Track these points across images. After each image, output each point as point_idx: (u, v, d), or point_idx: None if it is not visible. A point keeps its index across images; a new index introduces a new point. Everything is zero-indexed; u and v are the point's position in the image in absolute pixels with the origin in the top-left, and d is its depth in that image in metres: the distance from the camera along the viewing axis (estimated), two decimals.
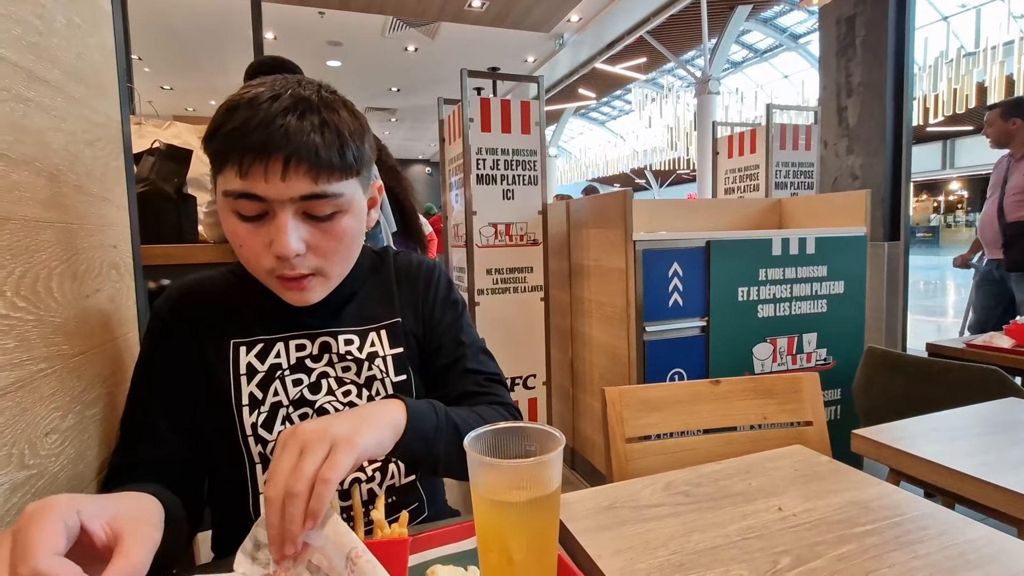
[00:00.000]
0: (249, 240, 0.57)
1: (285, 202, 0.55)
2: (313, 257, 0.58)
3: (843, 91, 3.26)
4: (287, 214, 0.55)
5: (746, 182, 3.21)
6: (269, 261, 0.57)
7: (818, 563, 0.52)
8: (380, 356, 0.68)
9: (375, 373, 0.67)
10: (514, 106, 2.20)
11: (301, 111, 0.55)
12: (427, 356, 0.73)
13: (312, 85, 0.59)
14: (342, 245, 0.60)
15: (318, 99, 0.57)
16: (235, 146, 0.53)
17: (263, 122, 0.53)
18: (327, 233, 0.58)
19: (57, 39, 0.59)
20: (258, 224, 0.56)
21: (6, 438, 0.45)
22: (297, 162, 0.54)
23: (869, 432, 0.88)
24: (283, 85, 0.57)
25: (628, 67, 9.99)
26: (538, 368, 2.30)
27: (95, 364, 0.64)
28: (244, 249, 0.58)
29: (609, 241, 1.96)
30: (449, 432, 0.60)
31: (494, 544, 0.43)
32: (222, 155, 0.55)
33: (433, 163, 17.76)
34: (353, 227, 0.61)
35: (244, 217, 0.56)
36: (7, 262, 0.46)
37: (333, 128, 0.56)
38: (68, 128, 0.60)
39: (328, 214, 0.58)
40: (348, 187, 0.58)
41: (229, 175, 0.54)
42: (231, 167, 0.54)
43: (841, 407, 2.10)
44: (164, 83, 8.74)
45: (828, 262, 2.02)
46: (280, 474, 0.42)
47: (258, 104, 0.54)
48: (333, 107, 0.58)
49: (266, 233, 0.56)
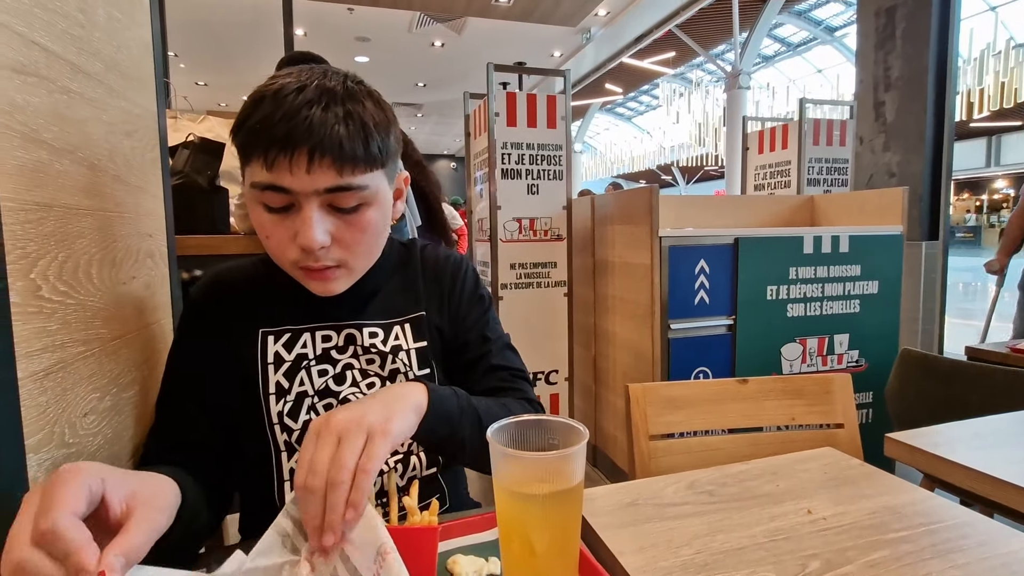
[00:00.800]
0: (275, 231, 0.57)
1: (310, 194, 0.55)
2: (338, 249, 0.59)
3: (881, 85, 3.15)
4: (312, 206, 0.55)
5: (777, 178, 3.14)
6: (294, 252, 0.57)
7: (848, 568, 0.51)
8: (404, 349, 0.68)
9: (399, 366, 0.68)
10: (540, 100, 2.19)
11: (326, 103, 0.54)
12: (452, 351, 0.73)
13: (338, 76, 0.58)
14: (367, 237, 0.60)
15: (343, 90, 0.56)
16: (261, 139, 0.54)
17: (288, 114, 0.53)
18: (352, 225, 0.58)
19: (98, 32, 0.60)
20: (284, 216, 0.57)
21: (48, 417, 0.47)
22: (321, 154, 0.54)
23: (904, 436, 0.85)
24: (309, 76, 0.56)
25: (656, 61, 9.84)
26: (560, 364, 2.30)
27: (131, 348, 0.66)
28: (270, 240, 0.58)
29: (634, 237, 1.94)
30: (471, 416, 0.60)
31: (516, 536, 0.43)
32: (249, 147, 0.55)
33: (458, 158, 17.83)
34: (378, 219, 0.61)
35: (270, 209, 0.56)
36: (51, 248, 0.48)
37: (358, 119, 0.56)
38: (108, 119, 0.62)
39: (353, 206, 0.58)
40: (373, 179, 0.58)
41: (256, 167, 0.55)
42: (257, 159, 0.54)
43: (873, 410, 2.04)
44: (199, 79, 8.97)
45: (862, 261, 1.96)
46: (320, 464, 0.42)
47: (283, 96, 0.54)
48: (358, 98, 0.57)
49: (291, 225, 0.56)
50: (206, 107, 9.61)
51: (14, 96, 0.44)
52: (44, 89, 0.48)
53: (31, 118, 0.46)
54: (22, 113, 0.45)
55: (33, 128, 0.46)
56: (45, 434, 0.46)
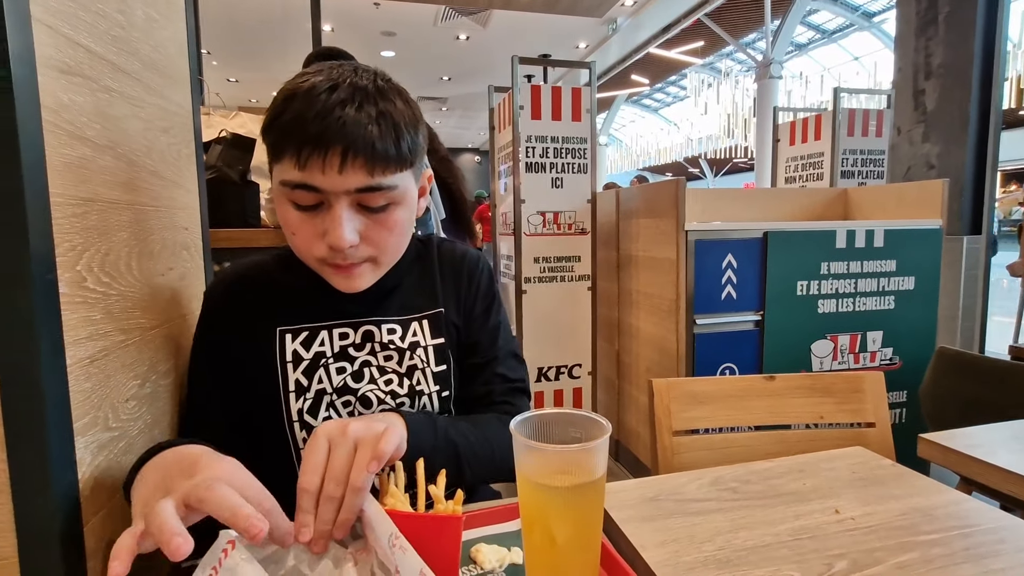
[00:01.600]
0: (303, 229, 0.58)
1: (341, 194, 0.55)
2: (366, 247, 0.59)
3: (921, 73, 3.02)
4: (342, 206, 0.55)
5: (809, 171, 3.05)
6: (322, 250, 0.58)
7: (877, 569, 0.50)
8: (421, 346, 0.68)
9: (416, 363, 0.68)
10: (565, 93, 2.17)
11: (359, 102, 0.54)
12: (463, 350, 0.73)
13: (368, 74, 0.58)
14: (394, 236, 0.61)
15: (375, 88, 0.56)
16: (293, 137, 0.53)
17: (320, 113, 0.53)
18: (380, 224, 0.59)
19: (136, 32, 0.62)
20: (313, 214, 0.57)
21: (94, 402, 0.49)
22: (355, 155, 0.54)
23: (939, 437, 0.83)
24: (340, 74, 0.56)
25: (684, 51, 9.64)
26: (583, 358, 2.29)
27: (168, 337, 0.68)
28: (297, 238, 0.59)
29: (660, 231, 1.91)
30: (446, 450, 0.61)
31: (538, 527, 0.44)
32: (280, 145, 0.55)
33: (483, 151, 17.84)
34: (405, 218, 0.61)
35: (299, 207, 0.57)
36: (94, 241, 0.50)
37: (389, 119, 0.56)
38: (145, 116, 0.64)
39: (382, 205, 0.58)
40: (402, 179, 0.59)
41: (287, 165, 0.55)
42: (289, 158, 0.54)
43: (907, 410, 1.98)
44: (230, 76, 9.18)
45: (898, 256, 1.90)
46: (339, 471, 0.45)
47: (316, 94, 0.54)
48: (389, 96, 0.57)
49: (320, 223, 0.57)
50: (237, 103, 9.83)
51: (61, 96, 0.46)
52: (87, 88, 0.50)
53: (76, 116, 0.48)
54: (68, 112, 0.47)
55: (77, 126, 0.48)
56: (91, 418, 0.48)
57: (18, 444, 0.39)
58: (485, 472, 0.65)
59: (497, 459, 0.65)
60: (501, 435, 0.66)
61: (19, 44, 0.38)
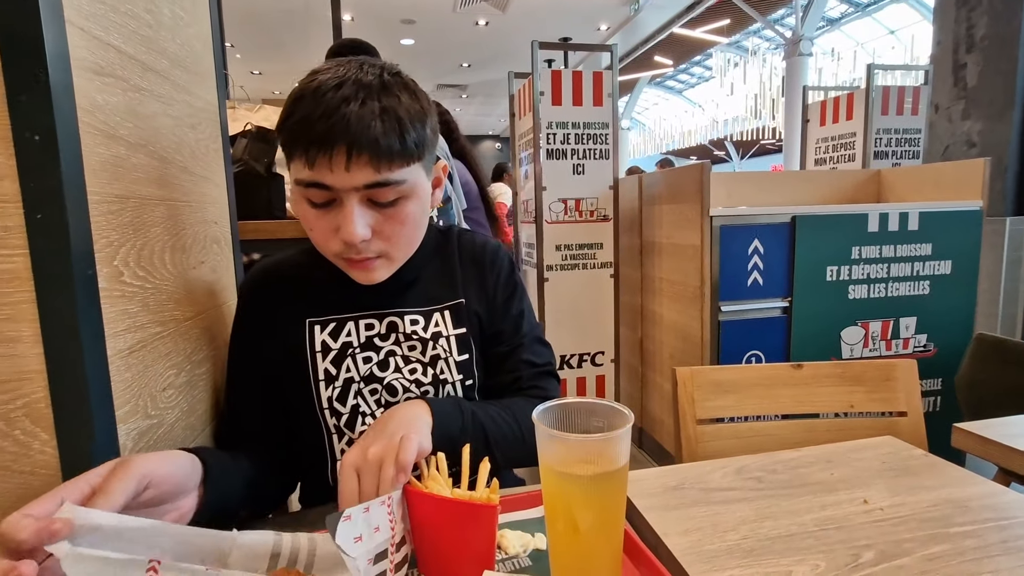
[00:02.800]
0: (318, 225, 0.60)
1: (350, 190, 0.57)
2: (378, 241, 0.61)
3: (962, 45, 2.88)
4: (352, 202, 0.57)
5: (840, 152, 2.95)
6: (337, 245, 0.59)
7: (905, 561, 0.49)
8: (444, 336, 0.70)
9: (439, 352, 0.69)
10: (586, 77, 2.14)
11: (362, 99, 0.55)
12: (486, 339, 0.74)
13: (375, 68, 0.59)
14: (406, 229, 0.62)
15: (379, 84, 0.57)
16: (301, 138, 0.55)
17: (325, 113, 0.54)
18: (391, 218, 0.60)
19: (164, 31, 0.64)
20: (326, 210, 0.59)
21: (133, 391, 0.51)
22: (359, 152, 0.55)
23: (974, 427, 0.80)
24: (346, 71, 0.57)
25: (709, 30, 9.36)
26: (606, 345, 2.28)
27: (201, 328, 0.71)
28: (314, 233, 0.61)
29: (684, 217, 1.88)
30: (476, 432, 0.62)
31: (561, 514, 0.44)
32: (291, 145, 0.57)
33: (503, 139, 17.74)
34: (416, 211, 0.62)
35: (314, 204, 0.59)
36: (129, 236, 0.52)
37: (393, 114, 0.56)
38: (174, 113, 0.66)
39: (392, 200, 0.59)
40: (411, 173, 0.59)
41: (298, 165, 0.57)
42: (299, 157, 0.56)
43: (941, 399, 1.92)
44: (254, 68, 9.30)
45: (934, 240, 1.83)
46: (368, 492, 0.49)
47: (322, 94, 0.55)
48: (393, 91, 0.58)
49: (333, 219, 0.58)
50: (261, 95, 9.97)
51: (95, 96, 0.47)
52: (119, 88, 0.52)
53: (109, 116, 0.50)
54: (102, 112, 0.48)
55: (111, 125, 0.50)
56: (131, 406, 0.51)
57: (67, 431, 0.42)
58: (514, 454, 0.66)
59: (527, 441, 0.66)
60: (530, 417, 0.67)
61: (55, 47, 0.40)
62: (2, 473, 0.41)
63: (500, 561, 0.51)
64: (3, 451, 0.41)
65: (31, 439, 0.41)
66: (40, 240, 0.40)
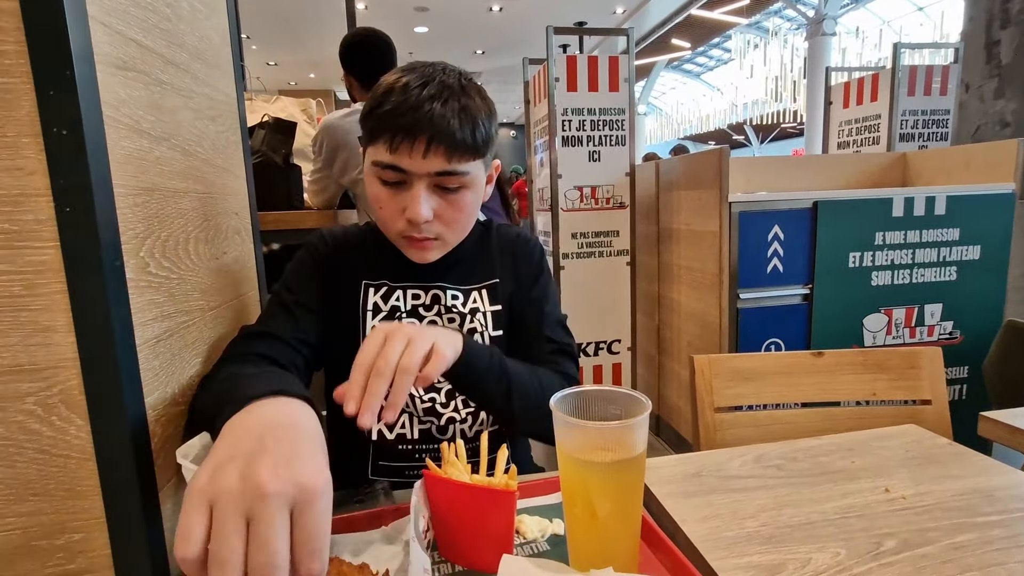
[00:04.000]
0: (388, 204, 0.67)
1: (422, 176, 0.64)
2: (438, 224, 0.68)
3: (996, 21, 2.76)
4: (422, 186, 0.65)
5: (864, 135, 2.87)
6: (401, 224, 0.67)
7: (929, 549, 0.49)
8: (481, 311, 0.77)
9: (476, 326, 0.76)
10: (601, 62, 2.11)
11: (445, 98, 0.63)
12: (514, 319, 0.79)
13: (454, 73, 0.68)
14: (463, 215, 0.69)
15: (459, 86, 0.66)
16: (388, 125, 0.63)
17: (413, 106, 0.62)
18: (452, 205, 0.68)
19: (183, 24, 0.64)
20: (397, 190, 0.66)
21: (162, 378, 0.53)
22: (437, 143, 0.63)
23: (1002, 415, 0.79)
24: (430, 73, 0.66)
25: (728, 11, 9.14)
26: (623, 334, 2.28)
27: (225, 318, 0.72)
28: (383, 211, 0.68)
29: (702, 203, 1.86)
30: (497, 373, 0.65)
31: (579, 500, 0.45)
32: (376, 131, 0.65)
33: (518, 126, 17.61)
34: (473, 201, 0.70)
35: (386, 183, 0.66)
36: (155, 228, 0.53)
37: (469, 114, 0.65)
38: (195, 106, 0.67)
39: (455, 188, 0.67)
40: (474, 167, 0.68)
41: (380, 148, 0.64)
42: (383, 142, 0.64)
43: (968, 387, 1.88)
44: (269, 59, 9.35)
45: (962, 224, 1.78)
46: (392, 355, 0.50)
47: (410, 90, 0.63)
48: (470, 93, 0.66)
49: (402, 199, 0.66)
50: (277, 87, 10.03)
51: (119, 91, 0.48)
52: (141, 82, 0.53)
53: (133, 110, 0.51)
54: (126, 106, 0.49)
55: (135, 119, 0.51)
56: (160, 394, 0.52)
57: (99, 417, 0.43)
58: (532, 415, 0.67)
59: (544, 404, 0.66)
60: (551, 380, 0.72)
61: (80, 43, 0.41)
62: (42, 456, 0.43)
63: (518, 545, 0.52)
64: (42, 436, 0.43)
65: (67, 424, 0.43)
66: (70, 233, 0.41)
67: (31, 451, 0.42)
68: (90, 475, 0.44)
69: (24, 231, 0.40)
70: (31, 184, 0.40)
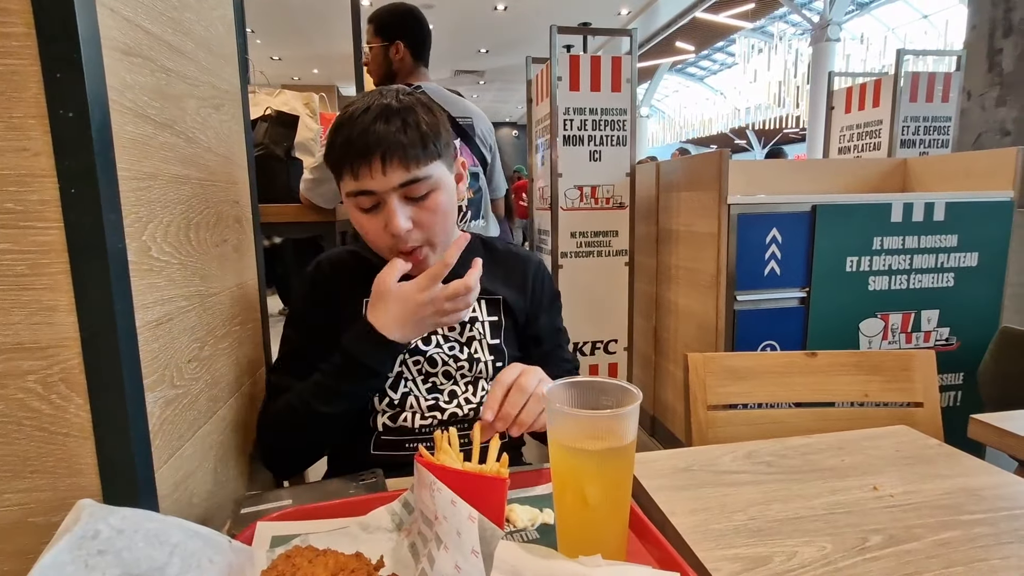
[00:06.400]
0: (370, 226, 0.71)
1: (389, 191, 0.68)
2: (419, 231, 0.71)
3: (999, 30, 2.77)
4: (393, 200, 0.69)
5: (865, 140, 2.88)
6: (387, 240, 0.71)
7: (914, 545, 0.49)
8: (480, 321, 0.81)
9: (475, 334, 0.80)
10: (604, 63, 2.11)
11: (386, 116, 0.68)
12: (528, 337, 0.85)
13: (394, 93, 0.72)
14: (439, 217, 0.72)
15: (397, 103, 0.70)
16: (345, 155, 0.68)
17: (362, 133, 0.67)
18: (426, 209, 0.71)
19: (189, 13, 0.65)
20: (374, 214, 0.70)
21: (160, 361, 0.53)
22: (391, 157, 0.67)
23: (992, 418, 0.79)
24: (371, 98, 0.71)
25: (733, 15, 9.15)
26: (620, 334, 2.28)
27: (224, 304, 0.73)
28: (369, 235, 0.72)
29: (701, 204, 1.86)
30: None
31: (569, 488, 0.46)
32: (339, 164, 0.70)
33: (520, 126, 17.61)
34: (446, 201, 0.73)
35: (364, 210, 0.71)
36: (157, 212, 0.54)
37: (413, 124, 0.69)
38: (200, 94, 0.68)
39: (424, 194, 0.70)
40: (435, 169, 0.71)
41: (347, 179, 0.69)
42: (347, 173, 0.69)
43: (963, 393, 1.89)
44: (274, 54, 9.35)
45: (960, 231, 1.78)
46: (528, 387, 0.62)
47: (355, 118, 0.68)
48: (410, 105, 0.70)
49: (381, 219, 0.70)
50: (280, 81, 10.02)
51: (124, 76, 0.49)
52: (147, 68, 0.53)
53: (138, 96, 0.51)
54: (131, 91, 0.50)
55: (140, 105, 0.51)
56: (158, 376, 0.53)
57: (99, 396, 0.44)
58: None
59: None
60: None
61: (87, 27, 0.41)
62: (41, 434, 0.43)
63: (508, 534, 0.52)
64: (42, 413, 0.43)
65: (67, 403, 0.43)
66: (74, 214, 0.42)
67: (30, 428, 0.43)
68: (88, 453, 0.44)
69: (29, 211, 0.41)
70: (37, 165, 0.41)
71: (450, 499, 0.42)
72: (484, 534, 0.39)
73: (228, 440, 0.72)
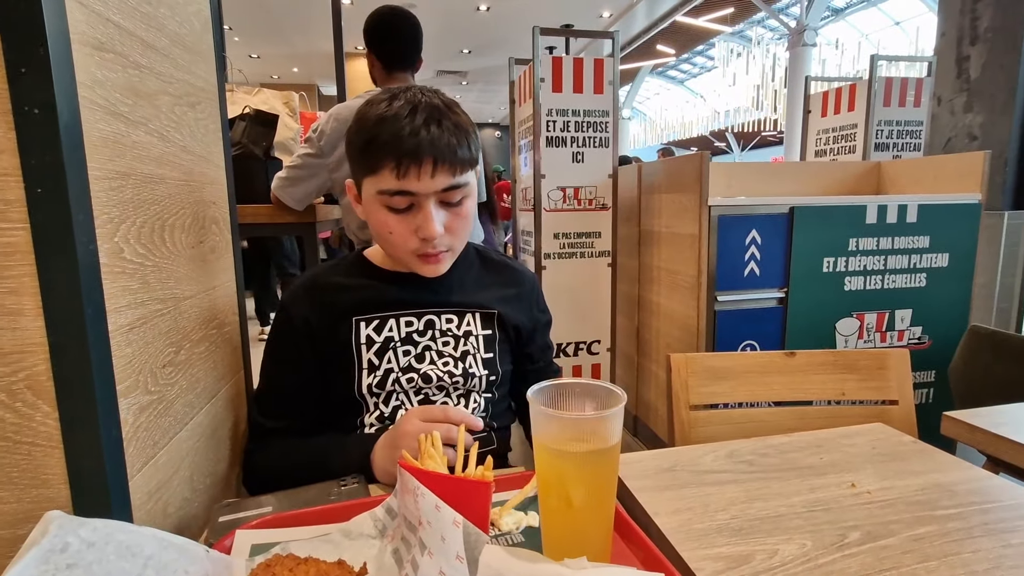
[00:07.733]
0: (399, 228, 0.70)
1: (430, 194, 0.68)
2: (448, 236, 0.72)
3: (966, 38, 2.86)
4: (431, 204, 0.69)
5: (840, 143, 2.94)
6: (415, 243, 0.71)
7: (891, 541, 0.50)
8: (474, 335, 0.80)
9: (468, 349, 0.79)
10: (587, 65, 2.12)
11: (437, 119, 0.67)
12: (521, 354, 0.86)
13: (432, 94, 0.71)
14: (467, 223, 0.74)
15: (444, 106, 0.69)
16: (391, 153, 0.66)
17: (412, 132, 0.66)
18: (457, 215, 0.72)
19: (163, 8, 0.63)
20: (406, 215, 0.70)
21: (135, 366, 0.52)
22: (442, 162, 0.67)
23: (963, 415, 0.82)
24: (414, 98, 0.69)
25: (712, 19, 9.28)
26: (603, 334, 2.29)
27: (200, 308, 0.71)
28: (394, 236, 0.71)
29: (682, 206, 1.88)
30: None
31: (554, 491, 0.45)
32: (379, 161, 0.67)
33: (503, 127, 17.62)
34: (473, 207, 0.75)
35: (395, 209, 0.69)
36: (130, 213, 0.53)
37: (462, 129, 0.69)
38: (174, 92, 0.66)
39: (459, 200, 0.71)
40: (471, 176, 0.72)
41: (385, 176, 0.67)
42: (388, 171, 0.67)
43: (935, 391, 1.94)
44: (252, 52, 9.19)
45: (932, 232, 1.83)
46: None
47: (403, 118, 0.67)
48: (455, 111, 0.70)
49: (412, 221, 0.70)
50: (259, 80, 9.87)
51: (95, 72, 0.47)
52: (119, 64, 0.52)
53: (110, 92, 0.50)
54: (102, 88, 0.48)
55: (111, 102, 0.50)
56: (132, 382, 0.51)
57: (68, 404, 0.42)
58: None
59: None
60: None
61: (55, 21, 0.40)
62: (4, 444, 0.42)
63: (493, 537, 0.52)
64: (5, 423, 0.41)
65: (33, 411, 0.42)
66: (41, 214, 0.40)
67: None
68: (57, 463, 0.43)
69: None
70: (0, 163, 0.39)
71: (434, 504, 0.41)
72: (469, 539, 0.39)
73: (205, 446, 0.70)
